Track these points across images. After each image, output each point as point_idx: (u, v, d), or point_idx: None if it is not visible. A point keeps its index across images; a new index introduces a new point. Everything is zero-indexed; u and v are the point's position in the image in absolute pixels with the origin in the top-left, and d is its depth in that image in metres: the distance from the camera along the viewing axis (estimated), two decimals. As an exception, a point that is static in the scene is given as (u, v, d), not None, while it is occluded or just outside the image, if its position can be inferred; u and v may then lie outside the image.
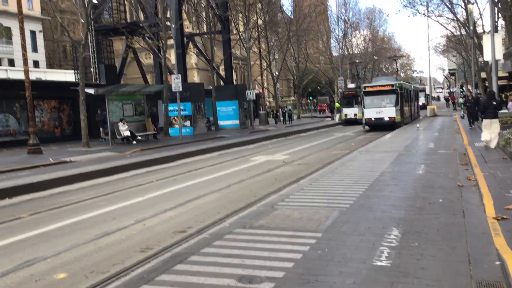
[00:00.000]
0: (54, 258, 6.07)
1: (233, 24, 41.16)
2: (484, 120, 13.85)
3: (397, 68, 48.06)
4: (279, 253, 5.12)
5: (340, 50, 58.38)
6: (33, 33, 51.98)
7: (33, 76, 40.65)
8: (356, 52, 67.03)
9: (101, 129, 25.46)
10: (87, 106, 24.24)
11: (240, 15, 41.38)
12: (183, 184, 11.92)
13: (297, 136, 28.72)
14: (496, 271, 4.39)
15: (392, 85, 28.73)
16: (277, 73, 53.22)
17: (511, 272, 4.18)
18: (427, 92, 57.44)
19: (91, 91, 21.90)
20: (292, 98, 74.86)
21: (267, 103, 65.57)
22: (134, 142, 22.79)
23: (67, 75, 43.49)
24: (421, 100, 56.77)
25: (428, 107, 45.21)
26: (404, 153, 14.33)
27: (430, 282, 4.17)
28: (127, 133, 22.67)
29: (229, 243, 5.53)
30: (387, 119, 28.04)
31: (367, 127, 29.55)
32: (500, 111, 14.58)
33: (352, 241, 5.50)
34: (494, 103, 13.66)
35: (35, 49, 52.59)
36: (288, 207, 7.44)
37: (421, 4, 37.37)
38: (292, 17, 51.93)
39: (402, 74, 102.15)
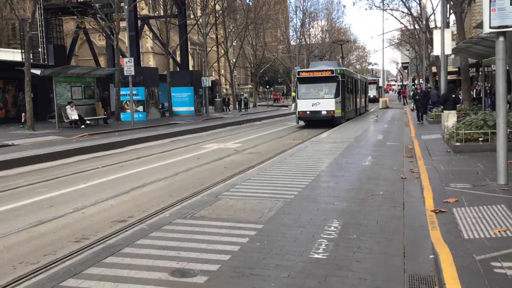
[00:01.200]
0: (-19, 248, 5.73)
1: (190, 8, 40.48)
2: (444, 111, 14.99)
3: (343, 58, 48.29)
4: (216, 245, 5.00)
5: (298, 39, 58.58)
6: (-22, 8, 49.40)
7: (-23, 54, 38.80)
8: (313, 42, 67.52)
9: (22, 114, 23.19)
10: (35, 87, 23.32)
11: (198, -1, 40.79)
12: (129, 171, 11.62)
13: (252, 124, 28.66)
14: (429, 264, 4.43)
15: (332, 71, 23.42)
16: (234, 61, 52.88)
17: (443, 266, 4.23)
18: (380, 84, 58.29)
19: (37, 72, 21.01)
20: (249, 86, 74.72)
21: (224, 90, 65.21)
22: (83, 126, 22.09)
23: (15, 54, 41.56)
24: (373, 93, 57.25)
25: (380, 99, 46.07)
26: (353, 144, 14.50)
27: (364, 275, 4.16)
28: (75, 117, 21.93)
29: (167, 234, 5.37)
30: (325, 113, 23.11)
31: (301, 122, 24.52)
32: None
33: (292, 233, 5.45)
34: (454, 96, 14.94)
35: (-20, 26, 50.04)
36: (233, 197, 7.34)
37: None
38: (250, 4, 51.63)
39: (357, 66, 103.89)
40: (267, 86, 62.75)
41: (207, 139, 19.52)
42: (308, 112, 23.46)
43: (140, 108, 28.47)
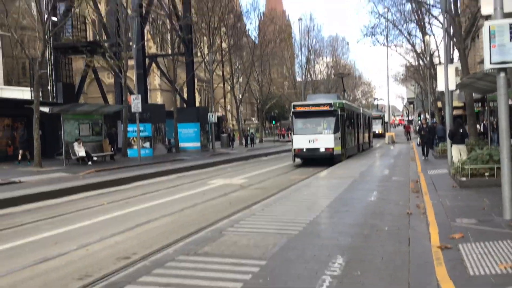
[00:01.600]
0: (-16, 286, 5.73)
1: (197, 46, 41.25)
2: (453, 145, 15.20)
3: (344, 91, 47.98)
4: (219, 282, 4.97)
5: (304, 75, 59.25)
6: (-9, 48, 50.57)
7: (-12, 92, 39.51)
8: (319, 78, 68.26)
9: (20, 151, 23.31)
10: (43, 124, 23.62)
11: (205, 38, 41.56)
12: (135, 207, 11.63)
13: (258, 160, 28.71)
14: (434, 301, 4.38)
15: (331, 105, 21.76)
16: (240, 96, 53.44)
17: (448, 303, 4.17)
18: (386, 119, 58.35)
19: (46, 109, 21.31)
20: (256, 121, 75.23)
21: (230, 126, 65.64)
22: (90, 163, 22.22)
23: (25, 93, 42.34)
24: (378, 128, 56.54)
25: (386, 134, 46.10)
26: (358, 179, 14.47)
27: (368, 313, 4.12)
28: (83, 154, 22.10)
29: (170, 271, 5.35)
30: (323, 150, 21.30)
31: (298, 160, 22.88)
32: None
33: (296, 269, 5.41)
34: (461, 130, 15.25)
35: (-8, 65, 51.11)
36: (237, 233, 7.32)
37: (380, 33, 38.39)
38: (256, 42, 52.52)
39: (363, 101, 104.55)
40: (273, 122, 63.09)
41: (213, 174, 19.55)
42: (304, 150, 21.65)
43: (147, 144, 28.65)
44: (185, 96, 40.91)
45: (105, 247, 7.64)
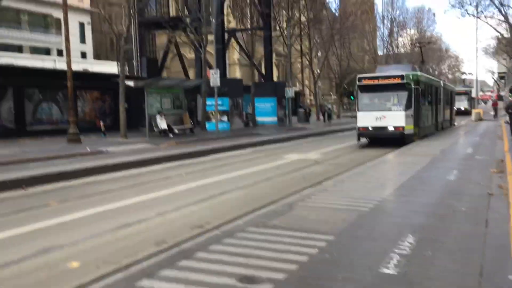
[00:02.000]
0: (71, 247, 6.24)
1: (276, 21, 41.07)
2: None
3: (423, 62, 44.73)
4: (286, 254, 5.07)
5: (385, 49, 57.27)
6: (81, 24, 53.63)
7: (80, 67, 42.09)
8: (402, 51, 65.60)
9: (101, 122, 24.93)
10: (128, 98, 24.83)
11: (284, 11, 41.24)
12: (211, 179, 12.02)
13: (334, 135, 28.38)
14: (508, 286, 4.19)
15: (402, 77, 19.12)
16: (318, 71, 52.76)
17: (523, 289, 3.98)
18: (473, 95, 54.93)
19: (130, 83, 22.37)
20: (334, 96, 74.10)
21: (308, 101, 65.14)
22: (171, 135, 23.13)
23: (113, 67, 44.64)
24: (463, 105, 52.12)
25: (473, 110, 43.59)
26: (438, 157, 13.91)
27: (435, 294, 4.03)
28: (164, 126, 23.04)
29: (239, 241, 5.52)
30: (392, 129, 18.95)
31: (363, 140, 20.74)
32: None
33: (364, 246, 5.38)
34: None
35: (83, 40, 54.27)
36: (307, 207, 7.36)
37: (470, 4, 35.82)
38: (336, 14, 51.29)
39: (449, 76, 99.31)
40: (352, 97, 61.80)
41: (288, 149, 19.65)
42: (370, 128, 19.34)
43: (225, 118, 29.25)
44: (263, 70, 41.08)
45: (181, 216, 8.01)
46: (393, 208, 7.33)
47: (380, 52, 61.00)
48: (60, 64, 40.36)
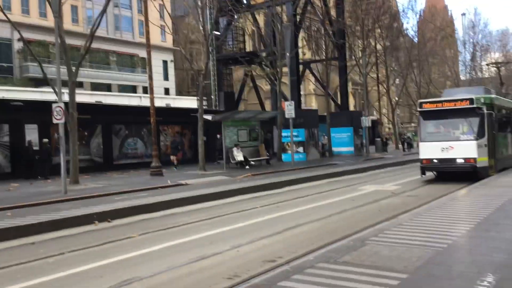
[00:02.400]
0: (149, 279, 6.53)
1: (351, 50, 41.00)
2: None
3: (502, 85, 40.98)
4: (355, 292, 5.00)
5: (468, 74, 55.06)
6: (165, 62, 56.71)
7: (163, 102, 44.36)
8: (486, 76, 62.70)
9: (172, 156, 25.66)
10: (207, 131, 25.76)
11: (359, 40, 41.10)
12: (285, 211, 12.09)
13: (413, 165, 27.41)
14: None
15: (472, 101, 16.70)
16: (396, 99, 51.62)
17: None
18: None
19: (208, 117, 23.21)
20: (414, 124, 71.87)
21: (386, 129, 63.71)
22: (247, 166, 23.57)
23: (193, 102, 46.56)
24: None
25: None
26: (527, 188, 13.04)
27: None
28: (241, 158, 23.55)
29: (307, 278, 5.51)
30: (461, 161, 16.49)
31: (429, 174, 18.44)
32: None
33: (439, 285, 5.17)
34: None
35: (166, 77, 57.23)
36: (380, 242, 7.20)
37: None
38: (416, 40, 50.22)
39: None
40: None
41: (365, 180, 19.31)
42: (435, 160, 17.00)
43: (300, 148, 29.37)
44: (339, 100, 40.91)
45: (254, 249, 8.13)
46: (473, 244, 6.97)
47: (462, 77, 58.66)
48: (145, 100, 42.80)
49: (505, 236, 7.41)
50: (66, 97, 19.76)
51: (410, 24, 72.88)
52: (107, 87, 49.44)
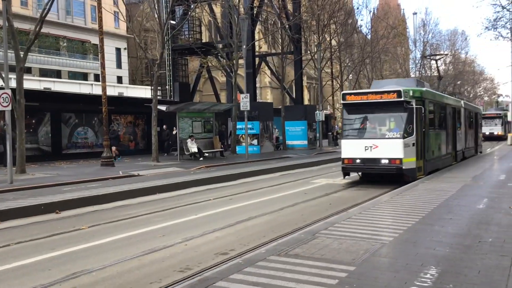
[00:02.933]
0: (99, 272, 6.44)
1: (306, 45, 41.44)
2: None
3: (440, 79, 43.08)
4: (305, 285, 5.11)
5: (418, 72, 56.76)
6: (118, 50, 55.38)
7: (116, 91, 43.42)
8: (435, 74, 64.91)
9: (113, 147, 22.77)
10: (161, 121, 25.44)
11: (314, 35, 41.57)
12: (238, 204, 12.16)
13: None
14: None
15: (399, 93, 14.74)
16: (350, 94, 52.57)
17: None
18: (509, 118, 53.24)
19: (163, 108, 22.91)
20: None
21: (339, 124, 64.91)
22: (201, 158, 23.48)
23: (147, 91, 45.82)
24: (497, 129, 48.91)
25: (509, 135, 42.41)
26: (470, 184, 13.66)
27: (452, 329, 4.00)
28: (195, 150, 23.43)
29: (259, 271, 5.59)
30: (386, 161, 14.63)
31: (353, 175, 16.46)
32: None
33: (384, 277, 5.37)
34: None
35: (119, 65, 55.94)
36: (330, 236, 7.38)
37: (503, 27, 35.02)
38: (368, 37, 51.28)
39: (486, 98, 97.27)
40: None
41: (317, 173, 19.65)
42: (357, 160, 14.99)
43: (255, 141, 29.51)
44: (294, 94, 41.32)
45: (206, 242, 8.14)
46: (418, 237, 7.23)
47: (412, 75, 60.45)
48: (96, 88, 41.72)
49: (447, 230, 7.75)
50: (13, 83, 19.01)
51: (364, 21, 74.33)
52: (57, 74, 47.83)
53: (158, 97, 24.08)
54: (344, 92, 16.52)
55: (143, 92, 47.20)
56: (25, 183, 14.55)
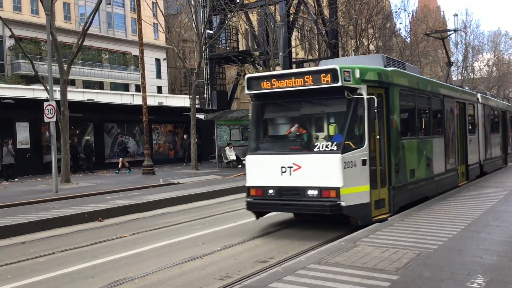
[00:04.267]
0: (140, 280, 6.52)
1: (344, 49, 41.07)
2: None
3: (452, 64, 40.10)
4: (346, 294, 5.01)
5: (460, 74, 55.35)
6: (157, 60, 56.50)
7: (156, 101, 44.21)
8: (478, 76, 63.08)
9: (120, 159, 23.23)
10: (199, 130, 25.72)
11: (352, 40, 41.18)
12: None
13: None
14: None
15: (335, 75, 8.45)
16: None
17: None
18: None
19: (201, 116, 23.20)
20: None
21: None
22: (239, 166, 23.55)
23: (186, 100, 46.47)
24: None
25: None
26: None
27: None
28: (233, 157, 23.54)
29: (299, 279, 5.52)
30: (314, 192, 8.48)
31: (255, 214, 9.86)
32: None
33: (428, 287, 5.21)
34: None
35: (159, 75, 57.03)
36: (371, 244, 7.23)
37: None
38: (408, 40, 50.38)
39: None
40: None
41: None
42: (270, 192, 8.97)
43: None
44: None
45: (246, 250, 8.13)
46: (463, 246, 6.98)
47: (454, 78, 58.96)
48: (137, 99, 42.66)
49: (494, 238, 7.47)
50: (57, 95, 19.66)
51: (403, 24, 73.15)
52: (99, 85, 49.19)
53: (197, 106, 24.39)
54: (248, 75, 10.05)
55: (182, 101, 47.87)
56: (70, 192, 14.98)
